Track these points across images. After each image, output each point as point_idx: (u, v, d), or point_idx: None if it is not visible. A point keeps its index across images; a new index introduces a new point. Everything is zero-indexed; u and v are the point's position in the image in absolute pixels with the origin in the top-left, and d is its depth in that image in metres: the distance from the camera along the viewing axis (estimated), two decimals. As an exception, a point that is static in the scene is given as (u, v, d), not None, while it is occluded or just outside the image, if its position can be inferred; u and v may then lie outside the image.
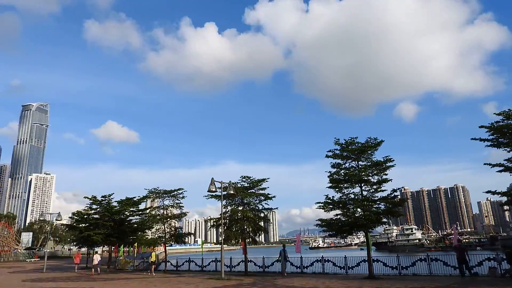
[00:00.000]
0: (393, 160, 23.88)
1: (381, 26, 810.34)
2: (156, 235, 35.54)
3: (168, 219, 35.08)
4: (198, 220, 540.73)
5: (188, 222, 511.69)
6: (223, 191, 26.64)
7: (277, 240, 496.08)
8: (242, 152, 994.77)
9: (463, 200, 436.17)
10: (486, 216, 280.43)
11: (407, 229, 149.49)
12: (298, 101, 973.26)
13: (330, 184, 24.99)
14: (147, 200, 39.33)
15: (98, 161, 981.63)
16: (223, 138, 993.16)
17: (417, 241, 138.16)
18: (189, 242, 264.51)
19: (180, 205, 35.24)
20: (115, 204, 39.35)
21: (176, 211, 35.56)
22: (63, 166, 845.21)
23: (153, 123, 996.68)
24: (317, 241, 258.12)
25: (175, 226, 36.47)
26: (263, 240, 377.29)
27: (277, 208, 31.37)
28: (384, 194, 24.03)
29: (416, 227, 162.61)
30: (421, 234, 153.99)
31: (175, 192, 35.00)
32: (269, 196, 29.85)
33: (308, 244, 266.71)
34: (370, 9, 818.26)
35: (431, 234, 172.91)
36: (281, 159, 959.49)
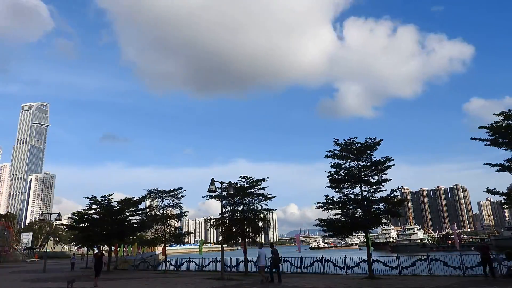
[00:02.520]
0: (393, 160, 23.87)
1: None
2: (156, 235, 35.49)
3: (168, 219, 35.03)
4: (198, 220, 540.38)
5: (188, 222, 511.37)
6: (223, 191, 26.60)
7: (277, 240, 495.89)
8: (254, 150, 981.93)
9: (463, 200, 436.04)
10: (489, 216, 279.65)
11: (409, 229, 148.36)
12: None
13: (330, 184, 24.99)
14: (147, 200, 39.30)
15: (106, 160, 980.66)
16: (234, 137, 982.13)
17: (419, 241, 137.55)
18: (189, 242, 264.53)
19: (180, 205, 35.20)
20: (115, 204, 39.33)
21: (175, 211, 35.52)
22: (64, 166, 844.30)
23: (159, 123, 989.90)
24: (317, 241, 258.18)
25: (174, 226, 36.43)
26: (263, 241, 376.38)
27: (276, 209, 31.28)
28: (384, 194, 24.00)
29: (418, 226, 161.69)
30: (423, 234, 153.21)
31: (174, 192, 34.91)
32: (269, 196, 29.68)
33: (309, 244, 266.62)
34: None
35: (430, 234, 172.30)
36: (293, 158, 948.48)
